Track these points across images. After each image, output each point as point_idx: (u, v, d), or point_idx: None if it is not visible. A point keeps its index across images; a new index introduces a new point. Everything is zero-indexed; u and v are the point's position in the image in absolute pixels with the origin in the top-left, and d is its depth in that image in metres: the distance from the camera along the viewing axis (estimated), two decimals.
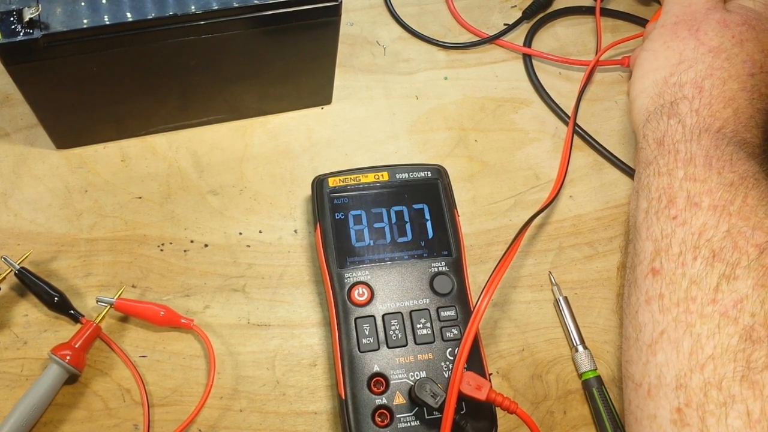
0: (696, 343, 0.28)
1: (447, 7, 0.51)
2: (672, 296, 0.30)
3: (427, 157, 0.44)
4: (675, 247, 0.31)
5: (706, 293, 0.29)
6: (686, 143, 0.34)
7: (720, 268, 0.29)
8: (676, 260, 0.31)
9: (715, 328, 0.28)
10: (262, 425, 0.35)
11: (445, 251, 0.38)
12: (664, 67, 0.38)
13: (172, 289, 0.38)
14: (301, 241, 0.40)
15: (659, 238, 0.32)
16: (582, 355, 0.38)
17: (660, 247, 0.32)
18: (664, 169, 0.34)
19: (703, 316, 0.28)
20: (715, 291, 0.29)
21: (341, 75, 0.45)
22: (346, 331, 0.35)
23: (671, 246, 0.31)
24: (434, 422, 0.33)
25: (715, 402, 0.26)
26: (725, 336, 0.27)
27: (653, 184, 0.34)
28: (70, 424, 0.34)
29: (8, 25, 0.32)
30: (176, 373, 0.36)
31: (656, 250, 0.32)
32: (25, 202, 0.40)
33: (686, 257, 0.30)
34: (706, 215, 0.31)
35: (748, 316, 0.27)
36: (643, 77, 0.39)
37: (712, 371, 0.27)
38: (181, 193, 0.41)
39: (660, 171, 0.34)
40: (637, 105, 0.39)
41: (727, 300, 0.28)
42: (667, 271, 0.31)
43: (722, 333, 0.28)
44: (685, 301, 0.29)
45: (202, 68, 0.38)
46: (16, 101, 0.43)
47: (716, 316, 0.28)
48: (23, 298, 0.37)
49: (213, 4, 0.34)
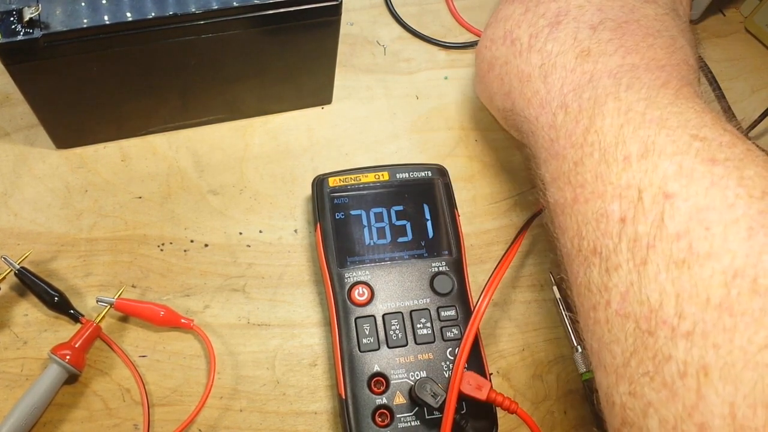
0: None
1: (447, 7, 0.51)
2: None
3: (428, 156, 0.44)
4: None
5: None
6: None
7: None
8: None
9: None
10: (262, 425, 0.35)
11: (446, 251, 0.38)
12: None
13: (172, 289, 0.38)
14: (301, 241, 0.40)
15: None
16: (582, 355, 0.38)
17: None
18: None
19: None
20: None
21: (341, 75, 0.45)
22: (346, 330, 0.35)
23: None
24: (434, 422, 0.33)
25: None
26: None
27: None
28: (70, 423, 0.34)
29: (8, 25, 0.32)
30: (176, 373, 0.36)
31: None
32: (25, 201, 0.40)
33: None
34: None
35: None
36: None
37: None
38: (181, 192, 0.41)
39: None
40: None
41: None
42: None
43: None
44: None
45: (202, 68, 0.38)
46: (16, 101, 0.43)
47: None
48: (23, 297, 0.37)
49: (213, 4, 0.34)
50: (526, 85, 0.35)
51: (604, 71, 0.31)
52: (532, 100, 0.34)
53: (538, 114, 0.34)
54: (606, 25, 0.33)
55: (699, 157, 0.26)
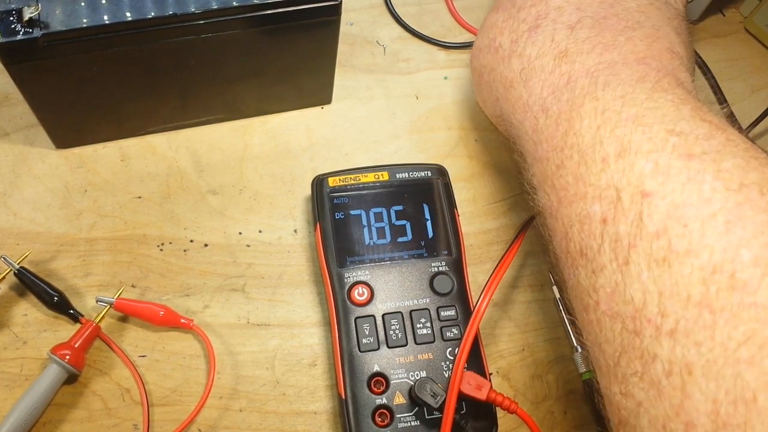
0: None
1: (447, 7, 0.51)
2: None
3: (427, 156, 0.44)
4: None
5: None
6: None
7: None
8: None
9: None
10: (262, 425, 0.35)
11: (446, 251, 0.37)
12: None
13: (172, 289, 0.38)
14: (301, 241, 0.40)
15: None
16: (582, 355, 0.38)
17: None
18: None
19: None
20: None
21: (341, 75, 0.45)
22: (346, 330, 0.35)
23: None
24: (434, 422, 0.33)
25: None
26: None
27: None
28: (69, 424, 0.34)
29: (8, 25, 0.32)
30: (176, 373, 0.36)
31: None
32: (24, 201, 0.40)
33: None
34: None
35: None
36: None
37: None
38: (180, 192, 0.41)
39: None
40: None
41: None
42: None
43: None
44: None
45: (202, 68, 0.38)
46: (15, 101, 0.43)
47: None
48: (23, 297, 0.37)
49: (213, 4, 0.34)
50: (510, 90, 0.35)
51: (581, 71, 0.31)
52: (516, 105, 0.34)
53: (522, 119, 0.34)
54: (584, 23, 0.33)
55: (675, 153, 0.26)
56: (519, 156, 0.36)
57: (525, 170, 0.35)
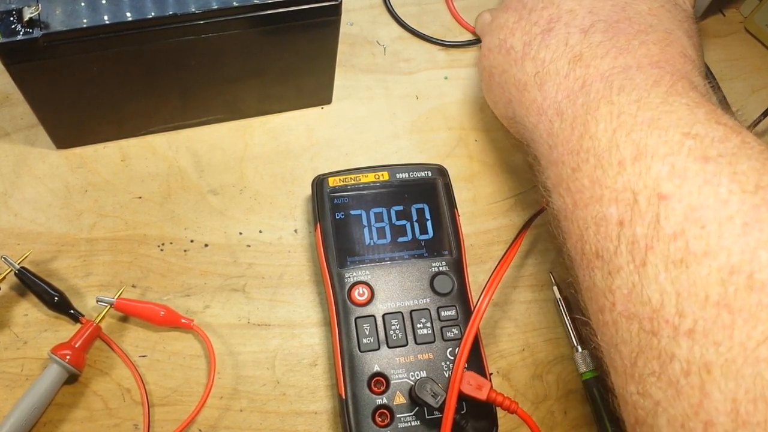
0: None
1: (447, 6, 0.51)
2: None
3: (428, 156, 0.44)
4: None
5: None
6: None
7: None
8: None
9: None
10: (262, 425, 0.35)
11: (446, 251, 0.38)
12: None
13: (172, 289, 0.38)
14: (301, 241, 0.40)
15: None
16: (582, 355, 0.38)
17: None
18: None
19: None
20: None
21: (341, 75, 0.45)
22: (346, 330, 0.35)
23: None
24: (434, 422, 0.33)
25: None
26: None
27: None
28: (70, 423, 0.34)
29: (8, 25, 0.32)
30: (176, 373, 0.36)
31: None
32: (25, 201, 0.40)
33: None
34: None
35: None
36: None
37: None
38: (181, 192, 0.41)
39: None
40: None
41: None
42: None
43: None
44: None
45: (202, 68, 0.38)
46: (16, 101, 0.43)
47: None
48: (23, 297, 0.37)
49: (213, 4, 0.34)
50: (524, 93, 0.35)
51: (596, 75, 0.31)
52: (530, 108, 0.34)
53: (537, 122, 0.34)
54: (597, 27, 0.33)
55: (691, 156, 0.26)
56: (533, 158, 0.36)
57: (539, 173, 0.35)
